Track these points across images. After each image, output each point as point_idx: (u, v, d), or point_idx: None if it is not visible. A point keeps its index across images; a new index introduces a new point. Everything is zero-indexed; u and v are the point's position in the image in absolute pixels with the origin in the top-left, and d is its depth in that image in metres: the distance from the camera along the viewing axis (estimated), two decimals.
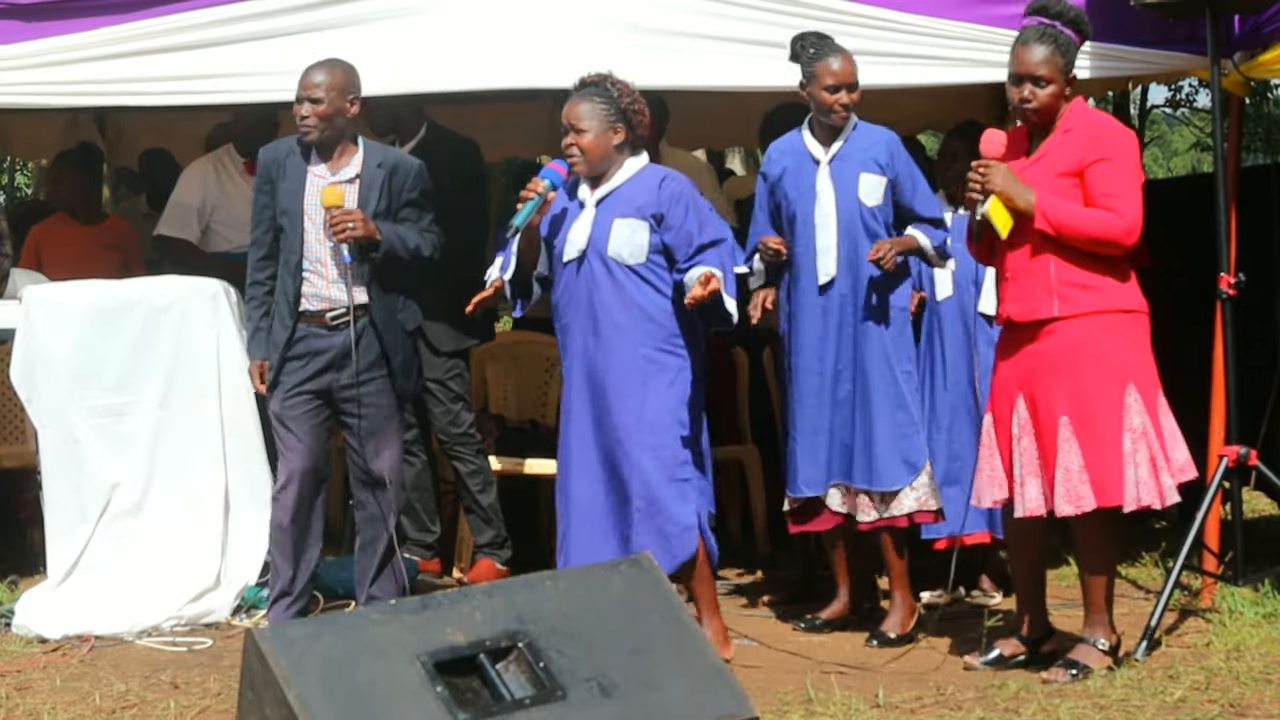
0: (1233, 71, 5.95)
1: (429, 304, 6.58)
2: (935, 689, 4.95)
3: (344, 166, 5.71)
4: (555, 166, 5.36)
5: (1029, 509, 5.06)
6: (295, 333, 5.68)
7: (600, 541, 5.30)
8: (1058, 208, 4.98)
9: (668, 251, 5.31)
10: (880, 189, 5.62)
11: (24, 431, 7.06)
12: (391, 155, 5.84)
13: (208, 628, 5.96)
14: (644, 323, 5.28)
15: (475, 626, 3.92)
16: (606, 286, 5.29)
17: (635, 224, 5.29)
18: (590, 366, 5.31)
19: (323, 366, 5.70)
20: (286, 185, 5.69)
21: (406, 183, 5.77)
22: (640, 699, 3.91)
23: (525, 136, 10.35)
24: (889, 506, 5.61)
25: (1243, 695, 4.76)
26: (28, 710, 4.91)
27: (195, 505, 6.12)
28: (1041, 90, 5.06)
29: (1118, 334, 5.02)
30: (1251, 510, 7.25)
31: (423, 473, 6.85)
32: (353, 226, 5.56)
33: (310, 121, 5.62)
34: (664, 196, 5.30)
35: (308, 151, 5.71)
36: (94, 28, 6.05)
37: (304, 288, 5.67)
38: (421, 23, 6.06)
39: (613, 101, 5.31)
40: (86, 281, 6.31)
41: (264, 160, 5.79)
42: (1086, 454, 4.96)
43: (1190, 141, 33.86)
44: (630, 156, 5.38)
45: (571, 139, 5.33)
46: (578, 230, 5.34)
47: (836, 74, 5.57)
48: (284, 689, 3.68)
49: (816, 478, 5.67)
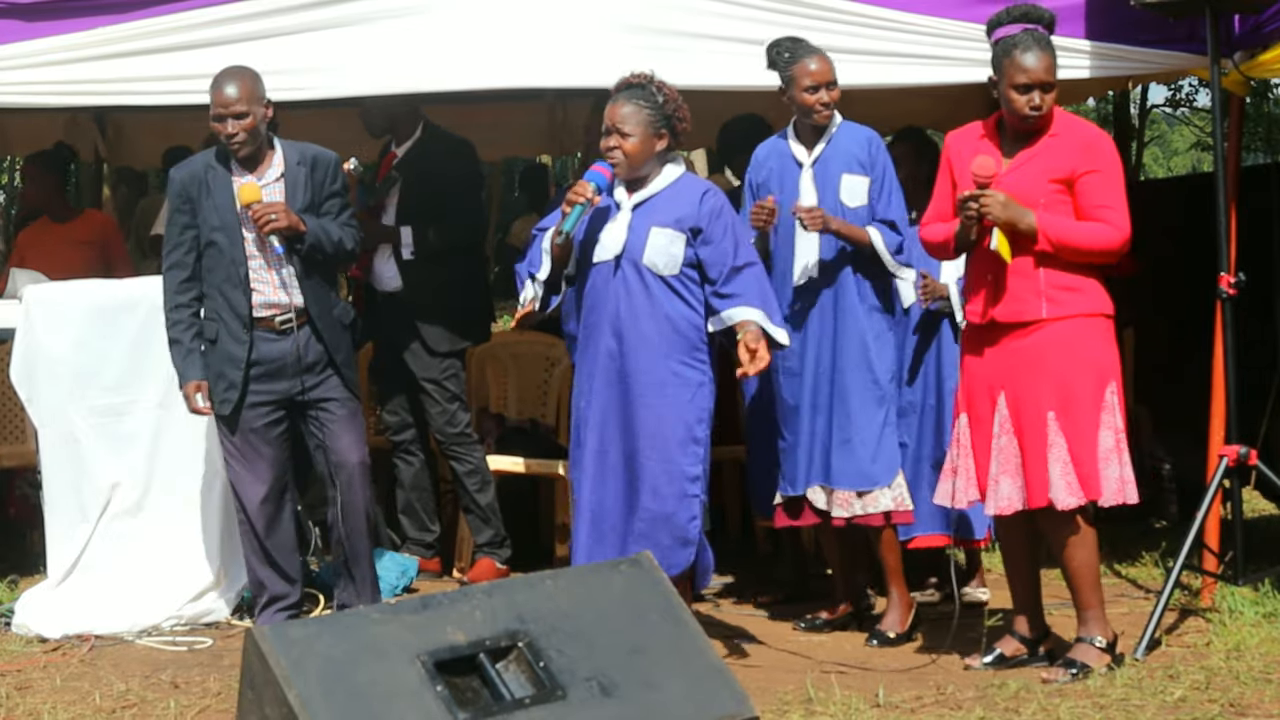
0: (1233, 71, 5.95)
1: (426, 303, 6.60)
2: (935, 689, 4.95)
3: (267, 169, 5.72)
4: (600, 169, 5.22)
5: (1000, 507, 5.10)
6: (252, 345, 5.66)
7: (608, 549, 5.27)
8: (1057, 227, 4.99)
9: (699, 266, 5.25)
10: (863, 189, 5.62)
11: (24, 431, 7.06)
12: (310, 150, 5.82)
13: (208, 627, 5.96)
14: (671, 334, 5.21)
15: (475, 626, 3.92)
16: (638, 294, 5.21)
17: (673, 235, 5.21)
18: (613, 373, 5.23)
19: (275, 373, 5.69)
20: (213, 202, 5.66)
21: (327, 176, 5.78)
22: (640, 699, 3.91)
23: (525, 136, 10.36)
24: (865, 504, 5.62)
25: (1243, 695, 4.76)
26: (28, 710, 4.91)
27: (195, 505, 6.12)
28: (1049, 96, 5.07)
29: (1098, 336, 5.07)
30: (1251, 510, 7.25)
31: (421, 472, 6.86)
32: (275, 218, 5.56)
33: (240, 138, 5.62)
34: (704, 211, 5.22)
35: (227, 162, 5.70)
36: (93, 27, 6.04)
37: (254, 298, 5.66)
38: (421, 23, 6.05)
39: (658, 107, 5.22)
40: (86, 281, 6.31)
41: (181, 180, 5.74)
42: (1071, 449, 5.01)
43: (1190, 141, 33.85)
44: (669, 163, 5.31)
45: (615, 141, 5.22)
46: (612, 233, 5.26)
47: (814, 74, 5.56)
48: (284, 689, 3.68)
49: (795, 478, 5.69)
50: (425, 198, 6.62)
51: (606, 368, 5.25)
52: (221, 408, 5.70)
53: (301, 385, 5.69)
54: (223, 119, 5.62)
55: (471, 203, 6.95)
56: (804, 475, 5.68)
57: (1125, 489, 5.05)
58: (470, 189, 6.92)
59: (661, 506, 5.17)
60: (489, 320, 7.06)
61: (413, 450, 6.83)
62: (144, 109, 7.70)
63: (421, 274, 6.62)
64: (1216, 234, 5.78)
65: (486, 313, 7.29)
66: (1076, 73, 6.06)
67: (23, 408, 6.25)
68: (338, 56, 6.02)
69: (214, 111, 5.63)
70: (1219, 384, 5.89)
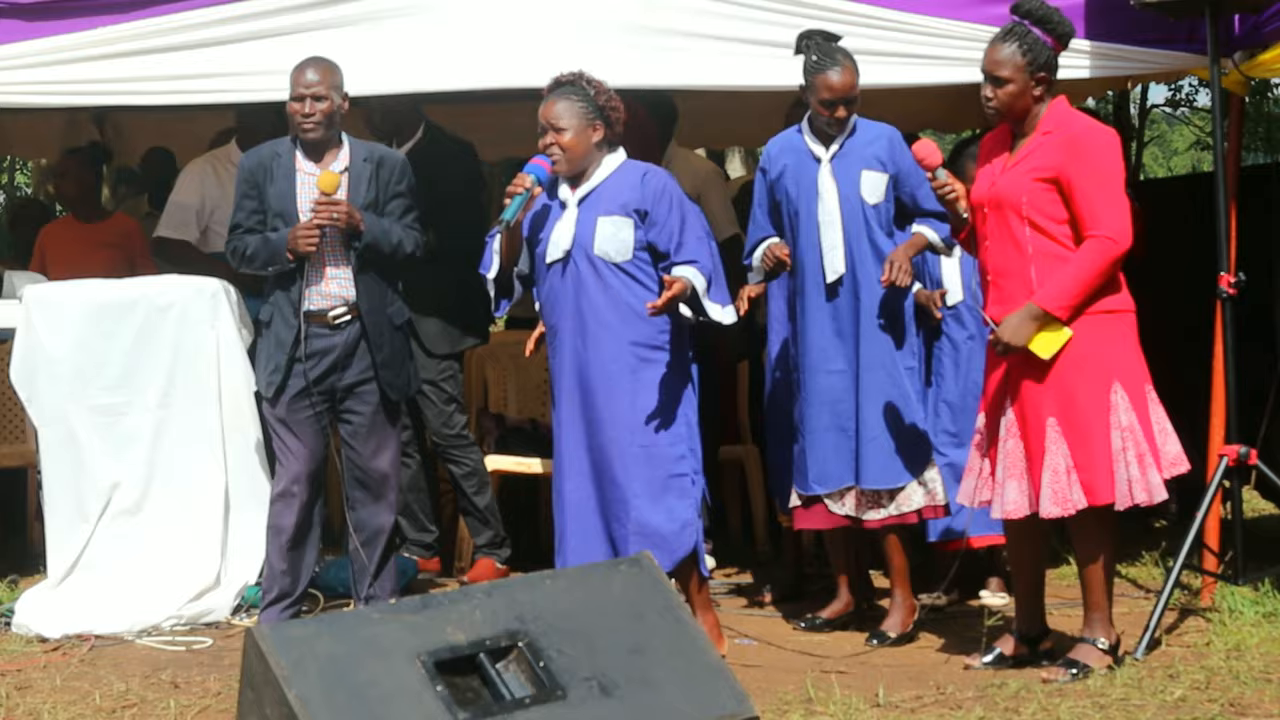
0: (1233, 71, 5.96)
1: (425, 305, 6.59)
2: (935, 689, 4.95)
3: (334, 162, 5.72)
4: (539, 162, 5.31)
5: (1007, 511, 5.09)
6: (301, 333, 5.67)
7: (595, 543, 5.29)
8: (1056, 293, 4.93)
9: (652, 247, 5.30)
10: (882, 186, 5.61)
11: (24, 431, 7.06)
12: (377, 150, 5.85)
13: (208, 627, 5.96)
14: (632, 319, 5.26)
15: (475, 626, 3.92)
16: (593, 286, 5.28)
17: (620, 221, 5.28)
18: (580, 368, 5.30)
19: (328, 368, 5.70)
20: (276, 189, 5.67)
21: (393, 176, 5.78)
22: (640, 698, 3.91)
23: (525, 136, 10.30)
24: (898, 503, 5.61)
25: (1243, 695, 4.76)
26: (28, 710, 4.91)
27: (195, 505, 6.12)
28: (1000, 90, 5.05)
29: (1101, 334, 5.01)
30: (1251, 510, 7.25)
31: (418, 473, 6.85)
32: (336, 217, 5.57)
33: (315, 119, 5.63)
34: (648, 192, 5.29)
35: (293, 150, 5.71)
36: (94, 27, 6.04)
37: (307, 288, 5.67)
38: (421, 23, 6.06)
39: (590, 100, 5.31)
40: (86, 281, 6.31)
41: (248, 166, 5.77)
42: (1075, 455, 4.97)
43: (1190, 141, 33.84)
44: (608, 154, 5.37)
45: (551, 138, 5.31)
46: (561, 231, 5.33)
47: (834, 89, 5.53)
48: (284, 688, 3.68)
49: (825, 476, 5.64)
50: (425, 199, 6.61)
51: (575, 364, 5.31)
52: (267, 390, 5.73)
53: (345, 381, 5.70)
54: (302, 99, 5.62)
55: (471, 205, 6.94)
56: (834, 474, 5.62)
57: (1136, 489, 4.97)
58: (470, 191, 6.92)
59: (650, 491, 5.19)
60: (487, 323, 7.06)
61: (409, 452, 6.82)
62: (144, 109, 7.70)
63: (420, 276, 6.60)
64: (1217, 234, 5.78)
65: (485, 315, 7.27)
66: (1076, 73, 6.05)
67: (23, 408, 6.25)
68: (338, 56, 6.00)
69: (294, 92, 5.64)
70: (1219, 384, 5.89)
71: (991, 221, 5.09)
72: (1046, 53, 5.06)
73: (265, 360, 5.77)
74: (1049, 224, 5.02)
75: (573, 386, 5.33)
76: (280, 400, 5.71)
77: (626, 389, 5.25)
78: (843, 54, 5.56)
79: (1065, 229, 5.02)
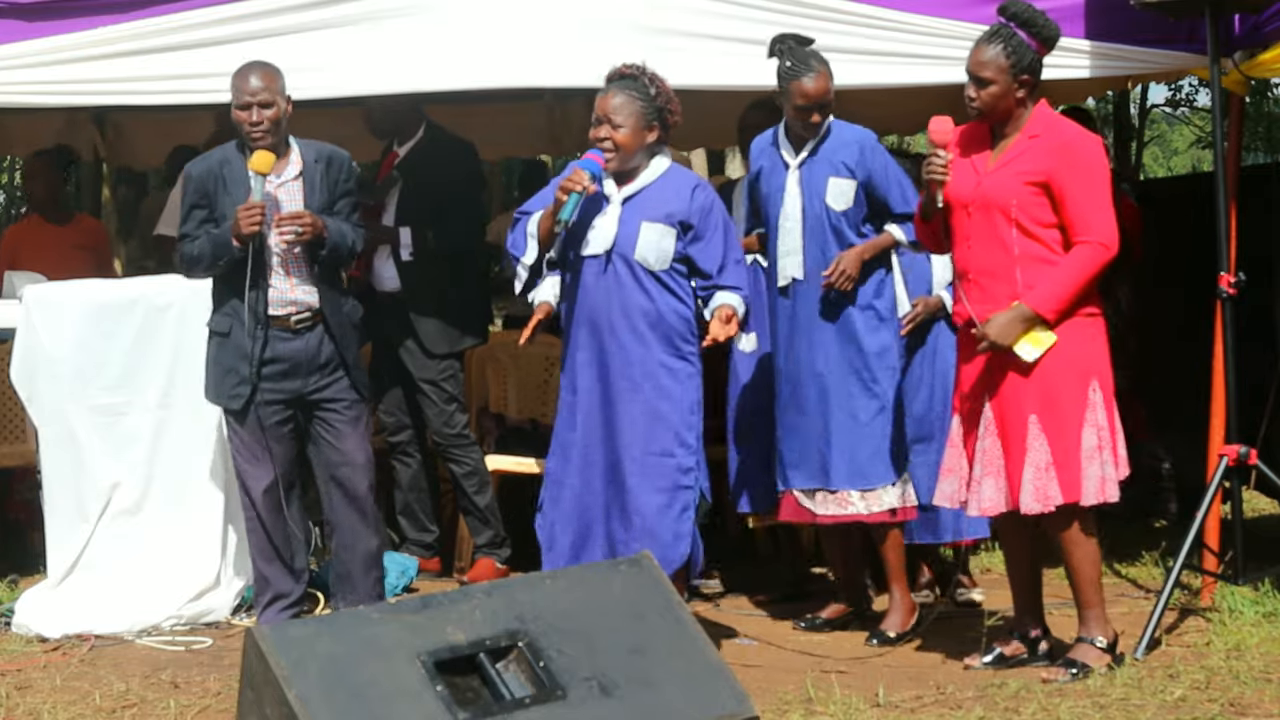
0: (1233, 70, 5.96)
1: (425, 305, 6.60)
2: (935, 689, 4.95)
3: (286, 167, 5.70)
4: (593, 157, 5.23)
5: (984, 508, 5.10)
6: (266, 341, 5.63)
7: (592, 544, 5.27)
8: (1045, 295, 4.95)
9: (689, 260, 5.27)
10: (849, 192, 5.60)
11: (24, 431, 7.06)
12: (325, 149, 5.80)
13: (208, 627, 5.96)
14: (662, 327, 5.23)
15: (475, 626, 3.92)
16: (630, 289, 5.23)
17: (663, 229, 5.23)
18: (604, 367, 5.26)
19: (288, 371, 5.68)
20: (231, 197, 5.62)
21: (341, 174, 5.77)
22: (640, 698, 3.91)
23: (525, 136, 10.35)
24: (869, 502, 5.60)
25: (1243, 694, 4.76)
26: (28, 709, 4.91)
27: (195, 505, 6.12)
28: (984, 90, 5.06)
29: (1081, 334, 5.04)
30: (1251, 510, 7.25)
31: (418, 473, 6.86)
32: (301, 231, 5.55)
33: (264, 126, 5.56)
34: (695, 207, 5.25)
35: (241, 158, 5.65)
36: (93, 27, 6.04)
37: (270, 294, 5.64)
38: (421, 23, 6.05)
39: (650, 100, 5.24)
40: (86, 281, 6.31)
41: (197, 175, 5.72)
42: (1054, 451, 4.99)
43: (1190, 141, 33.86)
44: (658, 155, 5.33)
45: (606, 132, 5.23)
46: (603, 227, 5.27)
47: (809, 96, 5.52)
48: (284, 688, 3.68)
49: (788, 476, 5.67)
50: (425, 199, 6.62)
51: (596, 360, 5.27)
52: (232, 402, 5.69)
53: (312, 384, 5.69)
54: (248, 107, 5.57)
55: (472, 204, 6.94)
56: (796, 475, 5.65)
57: (1106, 488, 5.02)
58: (471, 190, 6.92)
59: (656, 501, 5.18)
60: (487, 322, 7.06)
61: (410, 451, 6.83)
62: (144, 109, 7.70)
63: (420, 275, 6.61)
64: (1217, 234, 5.78)
65: (485, 315, 7.28)
66: (1076, 72, 6.06)
67: (23, 408, 6.25)
68: (338, 56, 6.02)
69: (239, 100, 5.59)
70: (1219, 384, 5.89)
71: (975, 221, 5.08)
72: (1030, 55, 5.06)
73: (223, 371, 5.69)
74: (1036, 228, 5.02)
75: (592, 384, 5.28)
76: (249, 410, 5.66)
77: (648, 396, 5.22)
78: (817, 59, 5.56)
79: (1053, 233, 5.03)
